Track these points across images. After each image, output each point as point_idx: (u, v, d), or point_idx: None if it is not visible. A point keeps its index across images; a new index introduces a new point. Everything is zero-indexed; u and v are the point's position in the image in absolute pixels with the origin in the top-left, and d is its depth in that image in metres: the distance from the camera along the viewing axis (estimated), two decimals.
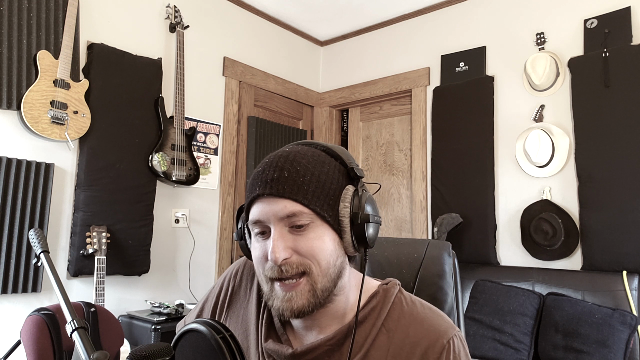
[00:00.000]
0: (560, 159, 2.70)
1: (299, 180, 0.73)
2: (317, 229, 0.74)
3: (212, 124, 3.17)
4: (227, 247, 3.23)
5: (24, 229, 2.22)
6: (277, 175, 0.74)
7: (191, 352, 0.72)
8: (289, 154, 0.77)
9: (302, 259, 0.73)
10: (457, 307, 1.07)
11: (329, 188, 0.75)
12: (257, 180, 0.76)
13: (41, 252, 0.89)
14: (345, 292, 0.80)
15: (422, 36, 3.48)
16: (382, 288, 0.82)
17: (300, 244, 0.73)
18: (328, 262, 0.74)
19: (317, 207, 0.73)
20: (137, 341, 2.39)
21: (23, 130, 2.28)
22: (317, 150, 0.80)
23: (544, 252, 2.70)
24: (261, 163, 0.78)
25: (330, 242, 0.75)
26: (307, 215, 0.73)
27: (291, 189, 0.73)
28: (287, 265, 0.72)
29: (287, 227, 0.74)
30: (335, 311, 0.79)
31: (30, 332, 1.47)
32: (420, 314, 0.79)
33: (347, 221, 0.75)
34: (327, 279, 0.74)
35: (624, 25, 2.56)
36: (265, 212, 0.74)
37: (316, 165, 0.76)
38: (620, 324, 2.14)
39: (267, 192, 0.73)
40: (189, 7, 3.07)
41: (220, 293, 0.95)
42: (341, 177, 0.78)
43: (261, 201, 0.75)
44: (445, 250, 1.10)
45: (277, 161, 0.76)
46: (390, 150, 3.68)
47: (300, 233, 0.74)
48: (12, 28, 2.24)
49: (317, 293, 0.74)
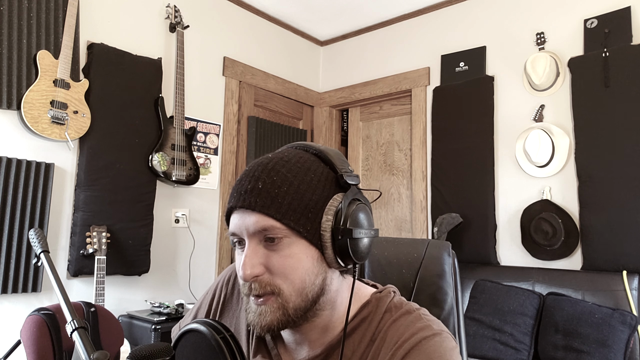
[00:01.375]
0: (560, 159, 2.70)
1: (274, 192, 0.68)
2: (292, 246, 0.69)
3: (212, 123, 3.17)
4: (227, 247, 3.23)
5: (24, 229, 2.22)
6: (250, 186, 0.69)
7: (191, 352, 0.72)
8: (269, 161, 0.72)
9: (272, 278, 0.69)
10: (457, 307, 1.07)
11: (309, 199, 0.69)
12: (234, 190, 0.72)
13: (41, 252, 0.89)
14: (335, 305, 0.75)
15: (422, 36, 3.48)
16: (375, 297, 0.78)
17: (272, 261, 0.69)
18: (303, 281, 0.69)
19: (292, 221, 0.68)
20: (137, 341, 2.39)
21: (23, 130, 2.28)
22: (307, 154, 0.75)
23: (544, 252, 2.70)
24: (243, 171, 0.74)
25: (307, 260, 0.69)
26: (280, 230, 0.68)
27: (263, 202, 0.68)
28: (257, 283, 0.69)
29: (262, 241, 0.70)
30: (324, 325, 0.75)
31: (30, 332, 1.47)
32: (405, 320, 0.73)
33: (328, 236, 0.69)
34: (301, 299, 0.69)
35: (624, 25, 2.56)
36: (238, 226, 0.71)
37: (297, 174, 0.70)
38: (621, 324, 2.14)
39: (239, 205, 0.70)
40: (189, 7, 3.07)
41: (212, 300, 0.93)
42: (328, 186, 0.72)
43: (236, 213, 0.71)
44: (445, 250, 1.10)
45: (254, 170, 0.71)
46: (390, 150, 3.68)
47: (274, 249, 0.69)
48: (12, 28, 2.24)
49: (289, 312, 0.69)
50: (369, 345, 0.73)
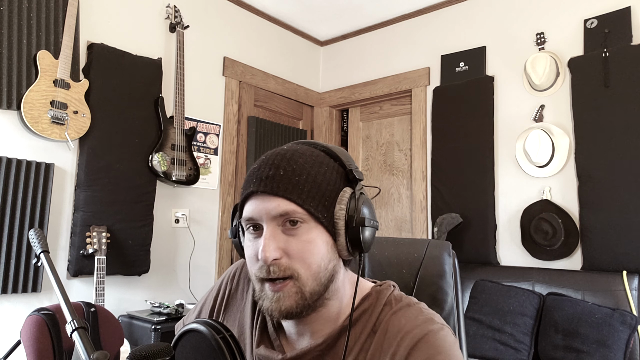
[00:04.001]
0: (560, 159, 2.70)
1: (295, 179, 0.72)
2: (310, 231, 0.72)
3: (212, 124, 3.17)
4: (227, 247, 3.23)
5: (24, 229, 2.22)
6: (272, 172, 0.72)
7: (191, 352, 0.72)
8: (286, 152, 0.75)
9: (291, 262, 0.71)
10: (457, 307, 1.07)
11: (325, 189, 0.73)
12: (252, 177, 0.74)
13: (41, 252, 0.89)
14: (338, 295, 0.78)
15: (422, 36, 3.48)
16: (375, 290, 0.80)
17: (291, 245, 0.71)
18: (319, 265, 0.72)
19: (312, 207, 0.71)
20: (137, 341, 2.39)
21: (23, 130, 2.28)
22: (317, 150, 0.78)
23: (544, 252, 2.70)
24: (258, 160, 0.77)
25: (323, 245, 0.73)
26: (301, 215, 0.71)
27: (286, 187, 0.71)
28: (276, 266, 0.70)
29: (280, 226, 0.72)
30: (327, 315, 0.77)
31: (30, 332, 1.47)
32: (407, 312, 0.75)
33: (342, 224, 0.73)
34: (316, 283, 0.72)
35: (624, 25, 2.56)
36: (258, 210, 0.72)
37: (313, 165, 0.74)
38: (620, 324, 2.14)
39: (260, 190, 0.72)
40: (189, 7, 3.07)
41: (217, 296, 0.94)
42: (339, 179, 0.76)
43: (255, 198, 0.73)
44: (445, 250, 1.10)
45: (273, 159, 0.74)
46: (390, 150, 3.68)
47: (293, 234, 0.71)
48: (12, 28, 2.24)
49: (306, 296, 0.71)
50: (369, 336, 0.75)
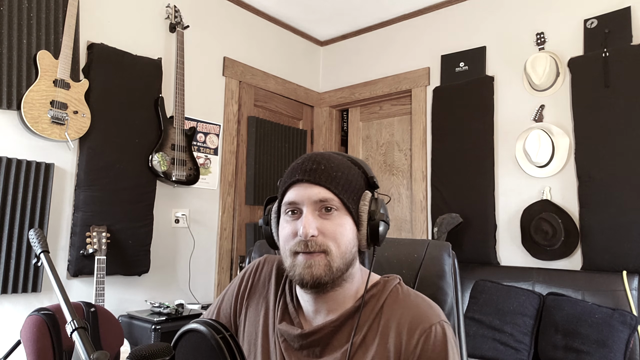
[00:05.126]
0: (560, 159, 2.70)
1: (333, 174, 0.87)
2: (342, 217, 0.86)
3: (212, 124, 3.17)
4: (227, 247, 3.23)
5: (24, 229, 2.22)
6: (315, 166, 0.87)
7: (191, 352, 0.72)
8: (324, 153, 0.91)
9: (325, 239, 0.85)
10: (457, 307, 1.08)
11: (354, 186, 0.89)
12: (297, 169, 0.88)
13: (41, 252, 0.89)
14: (354, 280, 0.91)
15: (422, 36, 3.48)
16: (383, 279, 0.94)
17: (326, 226, 0.85)
18: (346, 246, 0.86)
19: (345, 197, 0.86)
20: (137, 341, 2.39)
21: (23, 130, 2.28)
22: (344, 157, 0.93)
23: (544, 252, 2.70)
24: (299, 158, 0.92)
25: (350, 231, 0.87)
26: (336, 203, 0.86)
27: (326, 179, 0.86)
28: (313, 241, 0.84)
29: (318, 211, 0.86)
30: (342, 297, 0.90)
31: (30, 332, 1.47)
32: (412, 302, 0.89)
33: (366, 217, 0.88)
34: (342, 261, 0.86)
35: (624, 25, 2.56)
36: (301, 195, 0.86)
37: (345, 167, 0.90)
38: (620, 324, 2.14)
39: (305, 179, 0.86)
40: (189, 7, 3.07)
41: (240, 285, 1.05)
42: (362, 182, 0.91)
43: (299, 186, 0.87)
44: (445, 251, 1.10)
45: (315, 157, 0.90)
46: (390, 150, 3.68)
47: (328, 217, 0.86)
48: (12, 28, 2.24)
49: (333, 269, 0.85)
50: (376, 317, 0.88)
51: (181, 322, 2.42)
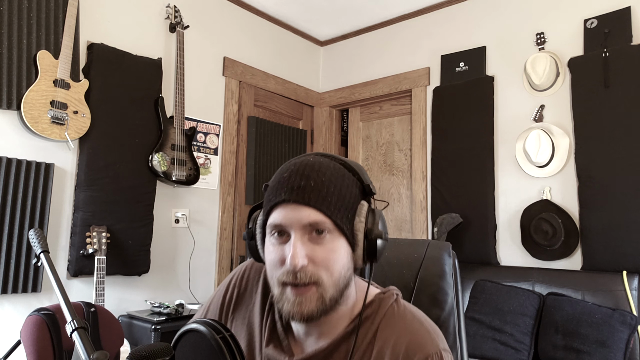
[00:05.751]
0: (560, 159, 2.70)
1: (324, 191, 0.75)
2: (335, 241, 0.76)
3: (212, 124, 3.17)
4: (227, 247, 3.23)
5: (24, 229, 2.22)
6: (303, 183, 0.75)
7: (191, 352, 0.72)
8: (314, 163, 0.78)
9: (316, 268, 0.75)
10: (457, 308, 1.07)
11: (347, 201, 0.77)
12: (283, 185, 0.76)
13: (41, 252, 0.89)
14: (348, 300, 0.82)
15: (422, 36, 3.48)
16: (379, 297, 0.84)
17: (317, 253, 0.75)
18: (340, 273, 0.76)
19: (338, 219, 0.75)
20: (137, 341, 2.39)
21: (23, 130, 2.28)
22: (336, 163, 0.81)
23: (544, 252, 2.70)
24: (286, 169, 0.79)
25: (344, 255, 0.77)
26: (328, 225, 0.75)
27: (316, 198, 0.74)
28: (302, 272, 0.74)
29: (307, 234, 0.75)
30: (336, 319, 0.81)
31: (30, 332, 1.47)
32: (408, 325, 0.79)
33: (361, 236, 0.78)
34: (335, 289, 0.76)
35: (624, 25, 2.56)
36: (288, 218, 0.75)
37: (338, 178, 0.78)
38: (620, 324, 2.14)
39: (292, 199, 0.75)
40: (189, 7, 3.07)
41: (225, 296, 0.96)
42: (357, 192, 0.80)
43: (285, 206, 0.76)
44: (445, 251, 1.10)
45: (303, 169, 0.77)
46: (390, 150, 3.68)
47: (319, 242, 0.75)
48: (12, 28, 2.24)
49: (326, 301, 0.75)
50: (370, 342, 0.79)
51: (181, 322, 2.42)
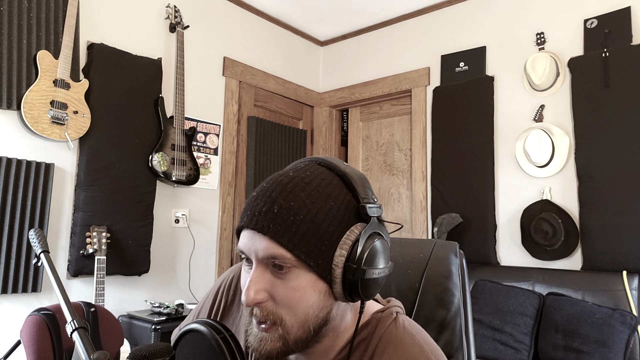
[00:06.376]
0: (560, 159, 2.70)
1: (289, 219, 0.65)
2: (300, 278, 0.66)
3: (212, 124, 3.17)
4: (227, 247, 3.23)
5: (24, 229, 2.21)
6: (265, 208, 0.66)
7: (191, 352, 0.72)
8: (289, 181, 0.68)
9: (276, 307, 0.66)
10: (464, 308, 1.06)
11: (324, 230, 0.65)
12: (248, 208, 0.69)
13: (41, 252, 0.89)
14: (337, 330, 0.73)
15: (422, 36, 3.48)
16: (375, 317, 0.75)
17: (278, 290, 0.66)
18: (306, 314, 0.66)
19: (303, 253, 0.64)
20: (137, 341, 2.39)
21: (23, 130, 2.28)
22: (331, 175, 0.71)
23: (544, 252, 2.70)
24: (259, 186, 0.70)
25: (313, 294, 0.66)
26: (290, 260, 0.65)
27: (277, 229, 0.64)
28: (259, 309, 0.67)
29: (269, 266, 0.67)
30: (324, 348, 0.73)
31: (30, 332, 1.47)
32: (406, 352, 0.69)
33: (339, 272, 0.65)
34: (302, 331, 0.67)
35: (624, 25, 2.56)
36: (247, 247, 0.68)
37: (317, 201, 0.66)
38: (620, 324, 2.14)
39: (251, 226, 0.67)
40: (189, 7, 3.07)
41: (213, 305, 0.92)
42: (347, 215, 0.68)
43: (247, 233, 0.68)
44: (452, 251, 1.09)
45: (272, 190, 0.67)
46: (390, 150, 3.68)
47: (281, 277, 0.66)
48: (12, 28, 2.24)
49: (289, 343, 0.67)
50: None
51: (181, 322, 2.42)
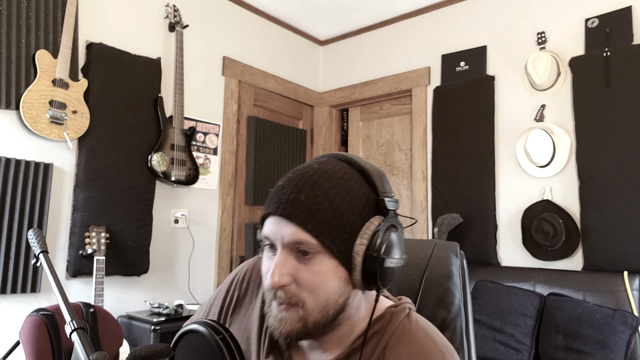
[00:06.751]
0: (561, 159, 2.70)
1: (315, 207, 0.69)
2: (323, 263, 0.69)
3: (212, 123, 3.17)
4: (227, 247, 3.23)
5: (22, 229, 2.21)
6: (292, 196, 0.70)
7: (191, 352, 0.72)
8: (314, 172, 0.72)
9: (299, 290, 0.70)
10: (465, 309, 1.06)
11: (347, 220, 0.69)
12: (275, 196, 0.73)
13: (40, 252, 0.88)
14: (351, 319, 0.76)
15: (423, 35, 3.47)
16: (389, 311, 0.78)
17: (302, 274, 0.70)
18: (327, 298, 0.70)
19: (327, 240, 0.68)
20: (136, 342, 2.38)
21: (22, 130, 2.28)
22: (351, 170, 0.74)
23: (545, 253, 2.70)
24: (285, 176, 0.74)
25: (335, 279, 0.70)
26: (315, 246, 0.69)
27: (303, 215, 0.68)
28: (283, 292, 0.70)
29: (294, 252, 0.70)
30: (338, 336, 0.76)
31: (29, 332, 1.47)
32: (420, 345, 0.72)
33: (360, 260, 0.69)
34: (322, 315, 0.70)
35: (625, 24, 2.56)
36: (274, 233, 0.71)
37: (340, 192, 0.70)
38: (621, 325, 2.14)
39: (278, 213, 0.70)
40: (188, 7, 3.06)
41: (225, 298, 0.93)
42: (368, 207, 0.71)
43: (273, 219, 0.72)
44: (452, 251, 1.09)
45: (298, 180, 0.72)
46: (391, 150, 3.68)
47: (305, 262, 0.70)
48: (11, 27, 2.23)
49: (308, 325, 0.70)
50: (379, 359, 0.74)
51: (180, 322, 2.41)
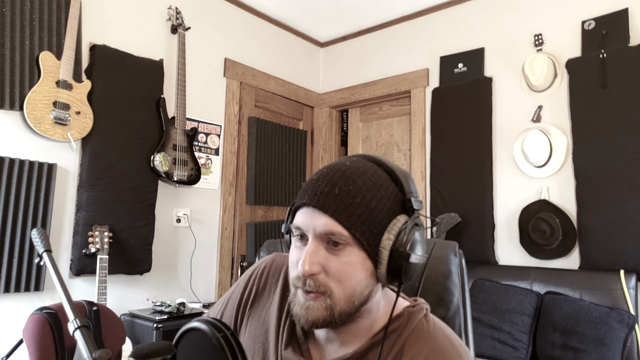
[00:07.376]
0: (558, 159, 2.72)
1: (348, 200, 0.72)
2: (352, 255, 0.73)
3: (213, 124, 3.19)
4: (228, 246, 3.25)
5: (26, 229, 2.23)
6: (327, 189, 0.73)
7: (193, 350, 0.73)
8: (347, 169, 0.76)
9: (328, 279, 0.73)
10: (464, 308, 1.07)
11: (377, 215, 0.73)
12: (309, 188, 0.76)
13: (44, 251, 0.90)
14: (371, 314, 0.79)
15: (421, 37, 3.49)
16: (407, 311, 0.81)
17: (331, 263, 0.73)
18: (354, 289, 0.73)
19: (358, 232, 0.72)
20: (138, 340, 2.40)
21: (26, 130, 2.30)
22: (380, 170, 0.78)
23: (542, 252, 2.71)
24: (319, 171, 0.78)
25: (362, 271, 0.73)
26: (345, 238, 0.72)
27: (337, 207, 0.72)
28: (312, 280, 0.72)
29: (324, 242, 0.73)
30: (357, 330, 0.79)
31: (32, 331, 1.48)
32: (438, 345, 0.75)
33: (386, 254, 0.73)
34: (347, 305, 0.74)
35: (621, 26, 2.57)
36: (306, 223, 0.74)
37: (371, 189, 0.74)
38: (618, 323, 2.15)
39: (313, 204, 0.73)
40: (190, 9, 3.08)
41: (244, 292, 0.95)
42: (395, 206, 0.75)
43: (306, 210, 0.75)
44: (451, 250, 1.09)
45: (332, 174, 0.75)
46: (390, 151, 3.70)
47: (335, 253, 0.73)
48: (14, 29, 2.26)
49: (334, 314, 0.73)
50: (397, 356, 0.76)
51: (183, 320, 2.43)
